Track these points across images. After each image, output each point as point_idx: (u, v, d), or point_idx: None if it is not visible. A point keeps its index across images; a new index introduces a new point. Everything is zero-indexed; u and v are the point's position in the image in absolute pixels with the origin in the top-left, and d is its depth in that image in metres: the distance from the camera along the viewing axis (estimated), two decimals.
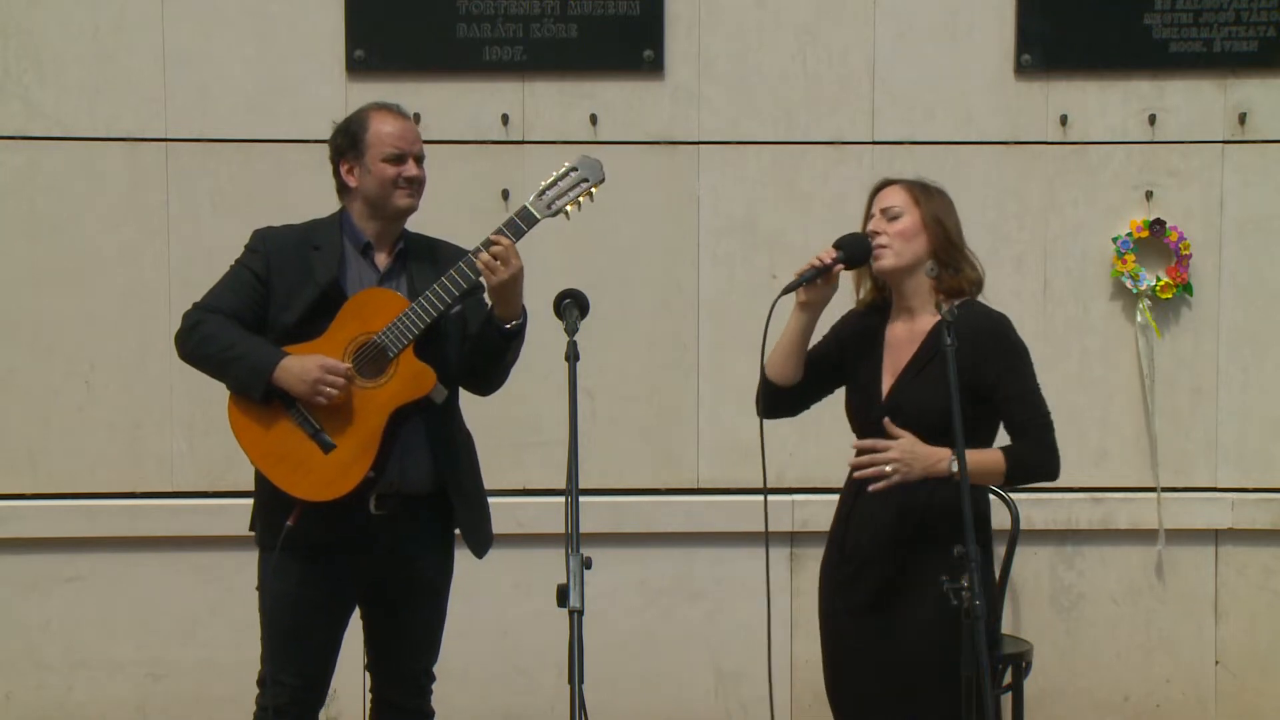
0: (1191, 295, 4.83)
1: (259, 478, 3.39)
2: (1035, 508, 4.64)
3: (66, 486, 4.75)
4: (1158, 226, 4.76)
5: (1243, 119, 4.81)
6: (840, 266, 3.23)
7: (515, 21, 4.73)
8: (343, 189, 3.47)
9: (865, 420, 3.25)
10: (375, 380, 3.31)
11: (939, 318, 3.13)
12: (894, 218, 3.22)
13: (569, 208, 3.37)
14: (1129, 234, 4.77)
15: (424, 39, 4.73)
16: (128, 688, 4.77)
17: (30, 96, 4.70)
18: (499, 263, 3.26)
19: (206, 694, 4.64)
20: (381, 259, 3.45)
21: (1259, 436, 4.89)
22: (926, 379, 3.15)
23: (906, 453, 3.08)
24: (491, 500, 3.60)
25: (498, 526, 4.61)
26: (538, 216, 3.33)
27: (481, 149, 4.74)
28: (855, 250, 3.24)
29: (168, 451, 4.76)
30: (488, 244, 3.28)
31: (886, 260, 3.22)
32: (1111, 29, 4.78)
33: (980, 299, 3.28)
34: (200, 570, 4.62)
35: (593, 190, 3.38)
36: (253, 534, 3.48)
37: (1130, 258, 4.77)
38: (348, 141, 3.42)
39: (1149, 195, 4.81)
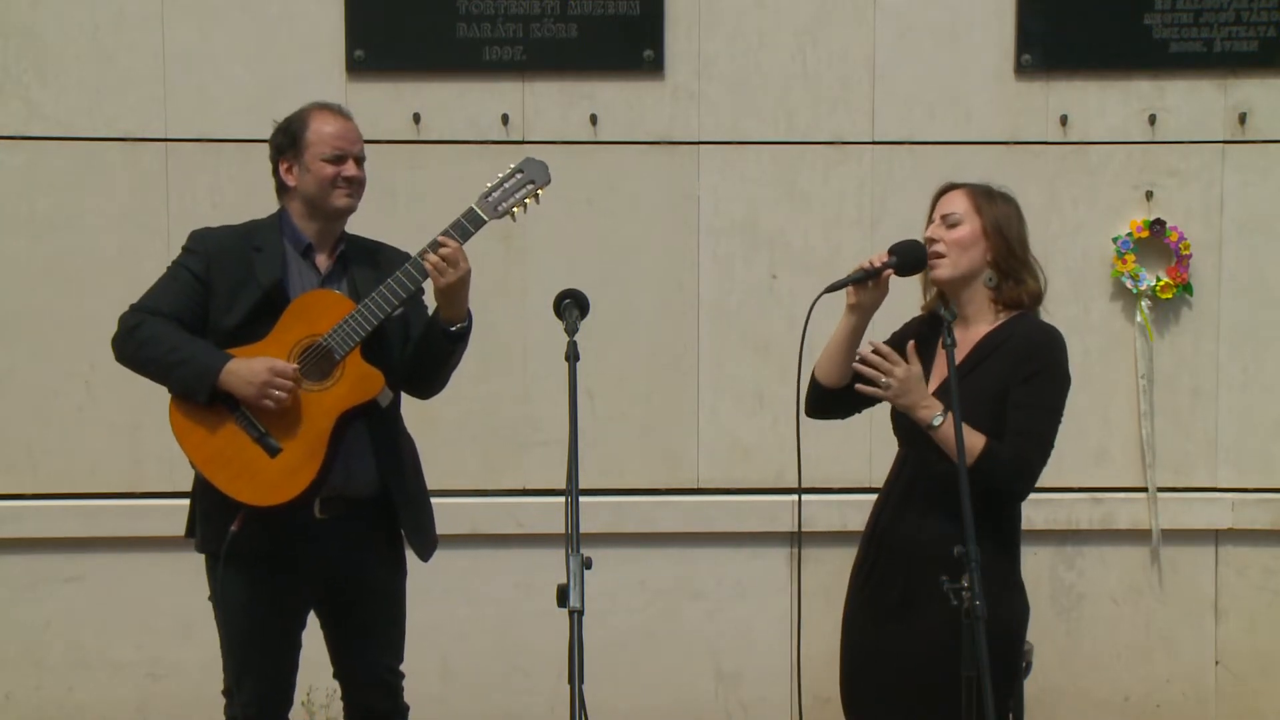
0: (1191, 295, 4.83)
1: (200, 483, 3.34)
2: (1035, 508, 4.61)
3: (66, 486, 4.75)
4: (1158, 226, 4.76)
5: (1243, 119, 4.81)
6: (890, 272, 3.16)
7: (515, 21, 4.73)
8: (281, 189, 3.43)
9: (907, 425, 3.16)
10: (321, 383, 3.26)
11: (992, 328, 3.14)
12: (953, 225, 3.16)
13: (515, 210, 3.35)
14: (1129, 234, 4.77)
15: (424, 39, 4.72)
16: (128, 688, 4.77)
17: (30, 96, 4.70)
18: (447, 264, 3.24)
19: (206, 694, 4.61)
20: (322, 261, 3.41)
21: (1259, 436, 4.88)
22: (967, 390, 3.06)
23: (909, 379, 3.03)
24: (491, 500, 3.60)
25: (498, 526, 4.64)
26: (485, 218, 3.31)
27: (481, 149, 4.73)
28: (909, 257, 3.15)
29: (168, 451, 4.67)
30: (435, 246, 3.25)
31: (942, 270, 3.17)
32: (1111, 29, 4.78)
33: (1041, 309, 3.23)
34: (200, 570, 4.58)
35: (539, 192, 3.36)
36: (190, 539, 3.45)
37: (1130, 258, 4.77)
38: (287, 140, 3.39)
39: (1149, 195, 4.81)
